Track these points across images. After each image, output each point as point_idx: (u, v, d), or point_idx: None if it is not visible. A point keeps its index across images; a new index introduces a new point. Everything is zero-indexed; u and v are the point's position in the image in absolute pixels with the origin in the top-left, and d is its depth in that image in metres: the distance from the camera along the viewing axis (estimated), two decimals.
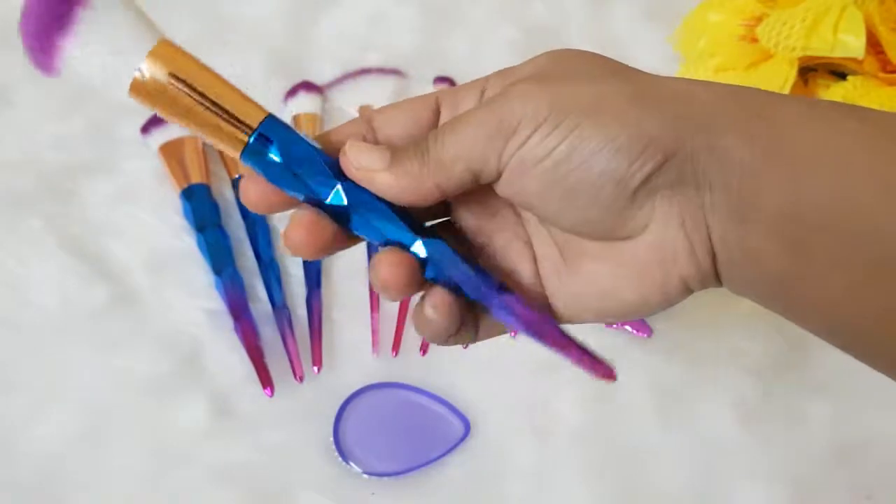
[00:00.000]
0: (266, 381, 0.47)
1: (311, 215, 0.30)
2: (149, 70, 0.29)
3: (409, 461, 0.46)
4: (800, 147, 0.27)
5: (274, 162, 0.30)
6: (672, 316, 0.51)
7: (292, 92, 0.58)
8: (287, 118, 0.58)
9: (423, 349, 0.50)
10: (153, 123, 0.56)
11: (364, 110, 0.59)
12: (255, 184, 0.30)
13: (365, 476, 0.45)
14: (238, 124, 0.30)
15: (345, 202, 0.30)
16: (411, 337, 0.50)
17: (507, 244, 0.33)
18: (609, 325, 0.51)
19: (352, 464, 0.46)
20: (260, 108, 0.30)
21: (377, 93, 0.59)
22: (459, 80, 0.60)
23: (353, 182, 0.30)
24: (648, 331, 0.50)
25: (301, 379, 0.48)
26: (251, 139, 0.30)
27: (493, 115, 0.29)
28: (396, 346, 0.49)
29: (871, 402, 0.49)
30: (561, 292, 0.32)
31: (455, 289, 0.30)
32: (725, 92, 0.29)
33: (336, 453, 0.46)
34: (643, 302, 0.31)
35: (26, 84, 0.59)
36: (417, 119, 0.32)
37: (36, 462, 0.45)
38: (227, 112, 0.30)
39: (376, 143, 0.32)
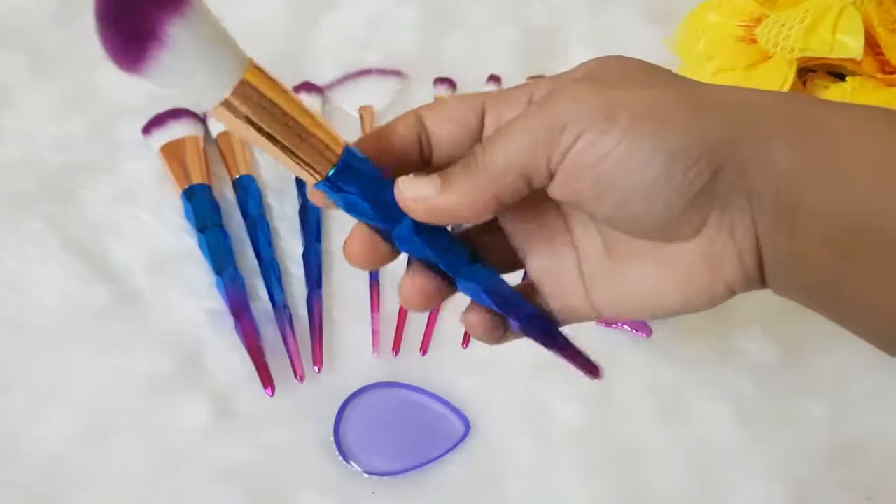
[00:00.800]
0: (267, 380, 0.47)
1: (369, 231, 0.31)
2: (234, 96, 0.29)
3: (410, 461, 0.46)
4: (848, 154, 0.27)
5: (348, 192, 0.30)
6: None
7: None
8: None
9: (423, 349, 0.50)
10: (154, 124, 0.56)
11: (364, 111, 0.59)
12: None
13: (365, 475, 0.45)
14: (318, 154, 0.30)
15: (411, 236, 0.31)
16: (411, 337, 0.50)
17: (548, 241, 0.33)
18: (609, 324, 0.51)
19: (352, 463, 0.46)
20: (338, 139, 0.30)
21: (377, 93, 0.60)
22: (460, 81, 0.60)
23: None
24: (648, 331, 0.51)
25: (302, 379, 0.48)
26: (330, 172, 0.30)
27: (542, 119, 0.29)
28: (397, 346, 0.49)
29: (870, 402, 0.49)
30: (604, 290, 0.32)
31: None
32: (775, 99, 0.29)
33: (336, 453, 0.46)
34: (686, 303, 0.31)
35: (27, 84, 0.59)
36: (465, 124, 0.32)
37: (37, 462, 0.45)
38: (307, 142, 0.30)
39: (429, 142, 0.32)
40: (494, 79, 0.60)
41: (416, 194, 0.30)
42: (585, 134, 0.28)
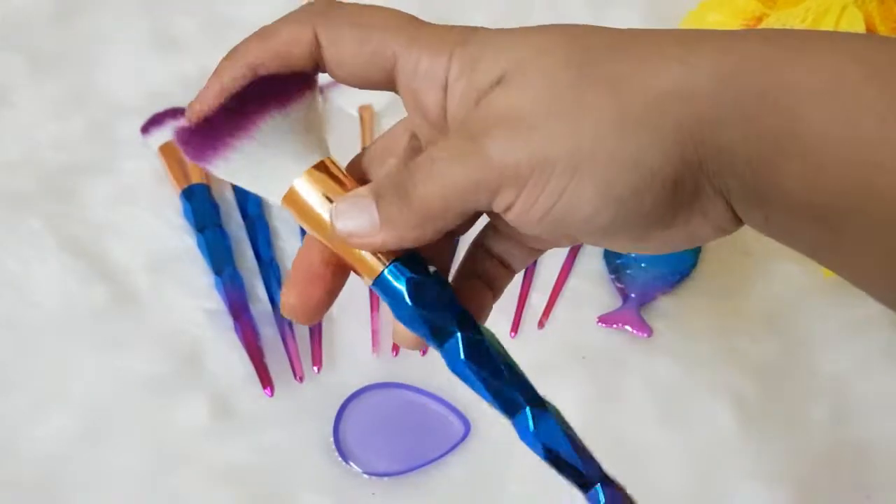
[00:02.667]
0: (266, 380, 0.47)
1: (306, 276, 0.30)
2: (303, 187, 0.29)
3: (410, 461, 0.46)
4: (811, 129, 0.25)
5: (402, 296, 0.29)
6: (672, 316, 0.51)
7: None
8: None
9: (423, 349, 0.50)
10: (153, 123, 0.56)
11: (364, 110, 0.59)
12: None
13: (365, 476, 0.45)
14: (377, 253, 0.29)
15: (461, 356, 0.29)
16: None
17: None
18: (609, 325, 0.51)
19: (352, 464, 0.45)
20: None
21: (377, 93, 0.59)
22: None
23: (474, 334, 0.29)
24: (648, 331, 0.50)
25: (301, 379, 0.48)
26: (385, 270, 0.29)
27: (472, 168, 0.27)
28: (396, 346, 0.49)
29: (870, 402, 0.49)
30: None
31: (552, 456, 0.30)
32: (725, 73, 0.26)
33: (336, 453, 0.46)
34: (666, 251, 0.30)
35: (26, 84, 0.59)
36: (366, 74, 0.30)
37: (36, 462, 0.45)
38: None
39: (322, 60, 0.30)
40: None
41: (352, 230, 0.28)
42: (520, 195, 0.27)
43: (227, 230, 0.52)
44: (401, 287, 0.29)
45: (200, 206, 0.52)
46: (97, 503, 0.44)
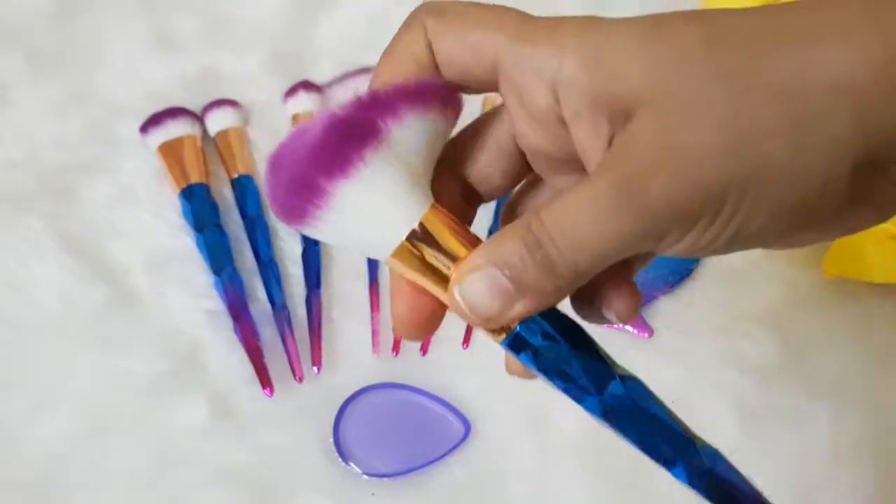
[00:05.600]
0: (266, 381, 0.47)
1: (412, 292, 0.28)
2: (411, 242, 0.26)
3: (410, 461, 0.46)
4: None
5: (538, 352, 0.27)
6: (672, 317, 0.51)
7: (292, 91, 0.58)
8: (287, 117, 0.58)
9: (423, 349, 0.50)
10: (152, 123, 0.56)
11: None
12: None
13: (365, 476, 0.45)
14: None
15: (605, 410, 0.28)
16: None
17: None
18: (609, 325, 0.51)
19: (352, 464, 0.45)
20: None
21: None
22: None
23: (631, 380, 0.28)
24: (649, 331, 0.50)
25: (301, 379, 0.48)
26: (518, 326, 0.26)
27: (633, 221, 0.24)
28: (396, 346, 0.49)
29: (870, 402, 0.49)
30: None
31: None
32: (884, 53, 0.23)
33: (336, 454, 0.46)
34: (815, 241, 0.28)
35: (26, 83, 0.59)
36: (468, 71, 0.27)
37: (36, 462, 0.45)
38: None
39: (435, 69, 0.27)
40: None
41: (484, 312, 0.25)
42: (693, 232, 0.24)
43: (226, 230, 0.52)
44: (546, 338, 0.26)
45: (200, 205, 0.52)
46: (97, 503, 0.44)
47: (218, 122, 0.56)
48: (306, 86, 0.59)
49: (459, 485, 0.45)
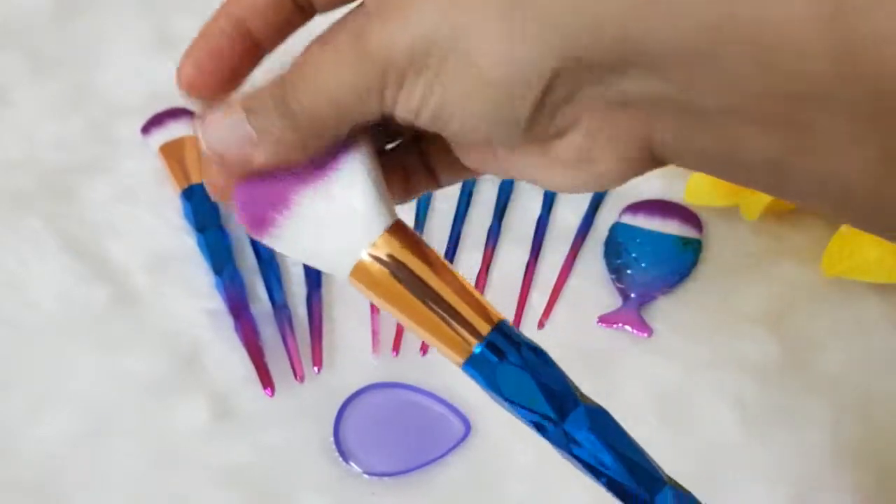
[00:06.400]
0: (266, 380, 0.47)
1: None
2: (374, 258, 0.26)
3: (410, 461, 0.46)
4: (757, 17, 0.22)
5: (502, 375, 0.26)
6: (672, 316, 0.51)
7: None
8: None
9: (424, 349, 0.50)
10: (153, 123, 0.56)
11: None
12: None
13: (365, 476, 0.45)
14: (464, 328, 0.26)
15: (584, 432, 0.27)
16: (411, 337, 0.50)
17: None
18: (609, 325, 0.51)
19: (352, 464, 0.45)
20: (493, 310, 0.27)
21: None
22: None
23: (593, 407, 0.27)
24: (649, 331, 0.50)
25: (301, 379, 0.48)
26: (478, 348, 0.26)
27: (356, 69, 0.24)
28: (397, 346, 0.49)
29: (870, 402, 0.49)
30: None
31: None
32: None
33: (336, 453, 0.46)
34: (579, 187, 0.27)
35: (26, 84, 0.59)
36: None
37: (36, 462, 0.45)
38: (453, 312, 0.26)
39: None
40: None
41: (224, 153, 0.25)
42: (401, 87, 0.24)
43: (227, 230, 0.53)
44: (505, 360, 0.26)
45: (201, 206, 0.52)
46: (97, 503, 0.44)
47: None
48: None
49: (459, 484, 0.45)
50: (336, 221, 0.26)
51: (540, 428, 0.27)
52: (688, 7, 0.22)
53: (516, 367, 0.26)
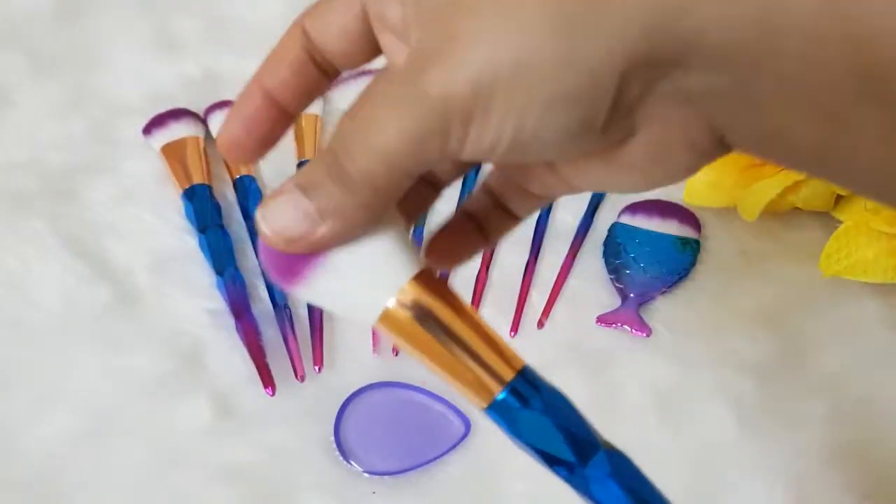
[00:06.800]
0: (267, 380, 0.47)
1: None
2: (401, 304, 0.26)
3: (410, 460, 0.46)
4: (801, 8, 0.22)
5: (525, 420, 0.27)
6: (671, 316, 0.52)
7: None
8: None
9: None
10: (154, 124, 0.56)
11: None
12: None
13: (366, 475, 0.45)
14: (487, 374, 0.27)
15: (604, 478, 0.27)
16: None
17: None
18: (608, 325, 0.51)
19: (352, 463, 0.46)
20: (516, 356, 0.27)
21: None
22: None
23: (614, 452, 0.27)
24: (648, 330, 0.51)
25: (302, 378, 0.48)
26: (501, 394, 0.27)
27: (412, 116, 0.24)
28: (396, 346, 0.50)
29: (870, 402, 0.49)
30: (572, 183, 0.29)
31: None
32: None
33: (337, 452, 0.46)
34: (652, 185, 0.28)
35: (28, 84, 0.59)
36: (348, 31, 0.28)
37: (37, 462, 0.45)
38: (477, 358, 0.27)
39: (315, 55, 0.28)
40: None
41: (286, 234, 0.25)
42: (468, 129, 0.24)
43: (228, 230, 0.53)
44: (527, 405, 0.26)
45: (202, 206, 0.53)
46: (98, 503, 0.44)
47: (220, 123, 0.56)
48: None
49: (460, 483, 0.46)
50: (364, 271, 0.26)
51: (561, 473, 0.27)
52: (736, 5, 0.22)
53: (538, 413, 0.27)
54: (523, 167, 0.30)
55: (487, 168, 0.32)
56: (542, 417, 0.27)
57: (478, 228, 0.31)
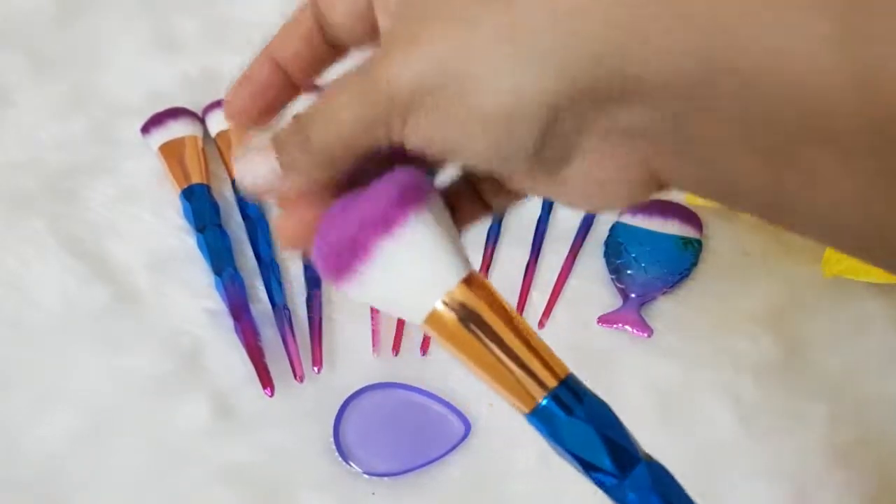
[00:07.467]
0: (266, 381, 0.47)
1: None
2: (448, 306, 0.26)
3: (410, 461, 0.46)
4: (750, 49, 0.22)
5: (567, 428, 0.27)
6: (672, 316, 0.52)
7: None
8: (287, 118, 0.58)
9: (423, 349, 0.50)
10: (153, 123, 0.56)
11: None
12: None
13: (365, 476, 0.45)
14: (531, 380, 0.27)
15: (644, 491, 0.27)
16: (411, 337, 0.50)
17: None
18: (609, 325, 0.51)
19: (352, 464, 0.46)
20: (560, 364, 0.28)
21: None
22: None
23: (654, 464, 0.28)
24: (649, 331, 0.51)
25: (301, 379, 0.48)
26: (544, 400, 0.27)
27: (363, 104, 0.26)
28: (396, 346, 0.49)
29: (871, 402, 0.49)
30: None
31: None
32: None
33: (336, 453, 0.46)
34: (593, 209, 0.29)
35: (27, 84, 0.59)
36: (354, 9, 0.29)
37: (37, 461, 0.45)
38: (521, 364, 0.27)
39: (326, 29, 0.29)
40: None
41: (259, 182, 0.28)
42: (406, 120, 0.26)
43: (227, 230, 0.53)
44: (567, 410, 0.27)
45: (201, 206, 0.53)
46: (97, 502, 0.44)
47: (219, 122, 0.57)
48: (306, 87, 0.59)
49: (459, 484, 0.46)
50: (414, 271, 0.27)
51: (600, 482, 0.27)
52: (680, 40, 0.22)
53: (581, 421, 0.27)
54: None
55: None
56: (585, 426, 0.27)
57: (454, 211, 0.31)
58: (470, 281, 0.27)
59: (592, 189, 0.27)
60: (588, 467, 0.27)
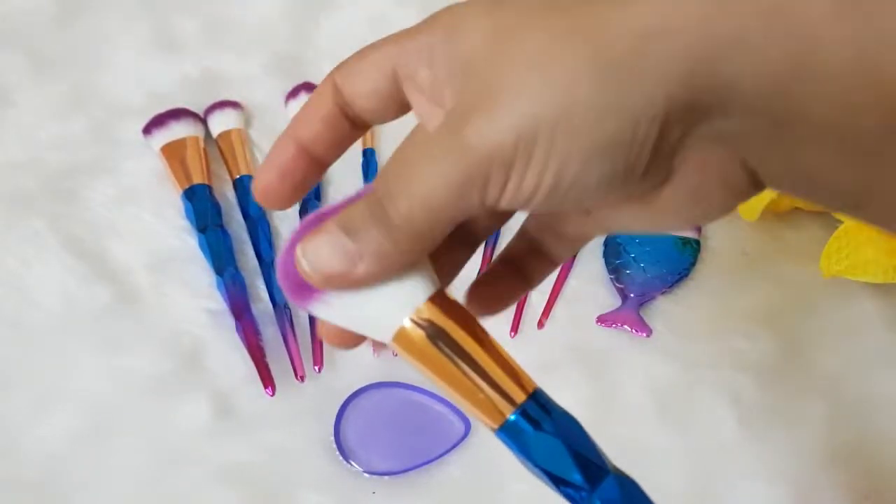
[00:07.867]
0: (267, 380, 0.47)
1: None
2: (416, 324, 0.26)
3: (410, 460, 0.46)
4: (831, 54, 0.23)
5: (535, 443, 0.27)
6: (671, 316, 0.52)
7: (293, 93, 0.59)
8: (288, 119, 0.58)
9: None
10: (154, 124, 0.56)
11: None
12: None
13: (366, 475, 0.45)
14: (499, 396, 0.27)
15: (616, 496, 0.27)
16: None
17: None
18: (608, 325, 0.51)
19: (352, 463, 0.46)
20: (528, 379, 0.28)
21: None
22: None
23: (623, 477, 0.28)
24: (648, 331, 0.51)
25: (302, 378, 0.48)
26: (513, 416, 0.27)
27: (454, 165, 0.24)
28: None
29: (869, 402, 0.49)
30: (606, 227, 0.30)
31: None
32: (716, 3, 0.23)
33: (337, 452, 0.46)
34: (689, 224, 0.29)
35: (28, 84, 0.59)
36: (379, 90, 0.28)
37: (37, 461, 0.45)
38: (489, 379, 0.27)
39: (347, 110, 0.29)
40: None
41: (326, 271, 0.26)
42: (508, 178, 0.25)
43: (228, 230, 0.53)
44: (536, 427, 0.27)
45: (202, 206, 0.53)
46: (98, 502, 0.44)
47: (220, 123, 0.57)
48: (308, 87, 0.59)
49: (459, 483, 0.46)
50: (380, 291, 0.26)
51: (570, 496, 0.28)
52: (769, 47, 0.23)
53: (549, 436, 0.27)
54: (559, 212, 0.30)
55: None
56: (553, 440, 0.27)
57: (518, 274, 0.32)
58: (437, 298, 0.27)
59: (693, 202, 0.27)
60: (557, 482, 0.27)
